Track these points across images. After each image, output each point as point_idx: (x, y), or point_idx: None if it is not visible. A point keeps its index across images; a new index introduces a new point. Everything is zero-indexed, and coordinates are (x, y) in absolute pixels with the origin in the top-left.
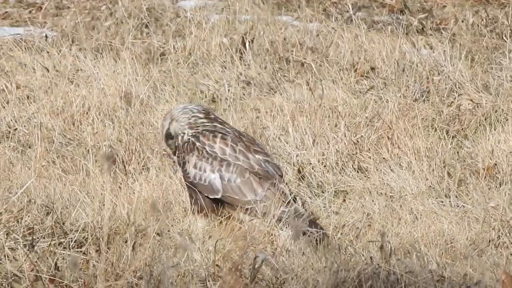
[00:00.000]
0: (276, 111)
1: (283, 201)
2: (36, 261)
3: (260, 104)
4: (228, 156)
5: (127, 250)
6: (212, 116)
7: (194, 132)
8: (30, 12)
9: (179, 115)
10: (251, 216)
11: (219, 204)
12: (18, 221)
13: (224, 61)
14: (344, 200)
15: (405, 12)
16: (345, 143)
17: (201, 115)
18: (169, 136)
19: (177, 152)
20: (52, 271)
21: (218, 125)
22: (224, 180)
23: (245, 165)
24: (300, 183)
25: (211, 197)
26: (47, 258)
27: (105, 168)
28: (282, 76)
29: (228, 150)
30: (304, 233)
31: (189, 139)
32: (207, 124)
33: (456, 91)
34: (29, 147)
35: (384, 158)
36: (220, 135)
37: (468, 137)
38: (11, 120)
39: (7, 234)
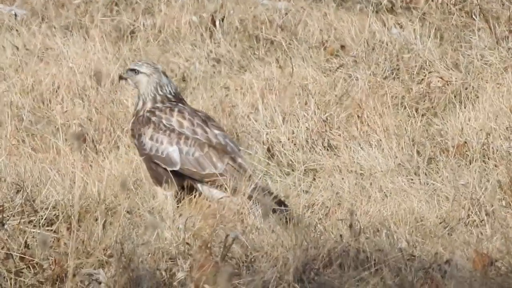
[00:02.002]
0: (246, 89)
1: (242, 175)
2: (7, 239)
3: (230, 82)
4: (186, 129)
5: (98, 228)
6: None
7: (151, 108)
8: None
9: (154, 82)
10: (217, 190)
11: (181, 177)
12: None
13: (194, 39)
14: (314, 179)
15: None
16: (315, 121)
17: (171, 98)
18: (130, 73)
19: (131, 123)
20: (22, 249)
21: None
22: (182, 153)
23: (203, 139)
24: (270, 162)
25: (169, 169)
26: (18, 236)
27: (75, 147)
28: (252, 54)
29: (186, 123)
30: (273, 211)
31: (143, 114)
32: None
33: (426, 69)
34: None
35: (353, 136)
36: (177, 109)
37: (437, 115)
38: None
39: None
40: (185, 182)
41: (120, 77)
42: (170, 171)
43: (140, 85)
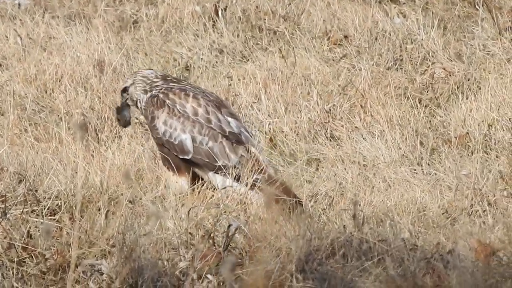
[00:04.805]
0: (249, 79)
1: (256, 168)
2: (9, 229)
3: (232, 71)
4: (200, 117)
5: (100, 218)
6: (169, 78)
7: (159, 91)
8: None
9: (138, 82)
10: (224, 178)
11: (192, 165)
12: None
13: (197, 29)
14: (317, 169)
15: None
16: (317, 112)
17: (158, 80)
18: (122, 108)
19: (144, 106)
20: (24, 239)
21: (176, 84)
22: (195, 142)
23: (217, 129)
24: (272, 152)
25: (181, 157)
26: (20, 226)
27: (77, 136)
28: (254, 44)
29: (200, 110)
30: (277, 201)
31: (157, 94)
32: (163, 85)
33: (429, 60)
34: (2, 115)
35: (356, 126)
36: (191, 93)
37: (440, 105)
38: None
39: None
40: (195, 170)
41: (124, 105)
42: (181, 159)
43: (134, 95)
